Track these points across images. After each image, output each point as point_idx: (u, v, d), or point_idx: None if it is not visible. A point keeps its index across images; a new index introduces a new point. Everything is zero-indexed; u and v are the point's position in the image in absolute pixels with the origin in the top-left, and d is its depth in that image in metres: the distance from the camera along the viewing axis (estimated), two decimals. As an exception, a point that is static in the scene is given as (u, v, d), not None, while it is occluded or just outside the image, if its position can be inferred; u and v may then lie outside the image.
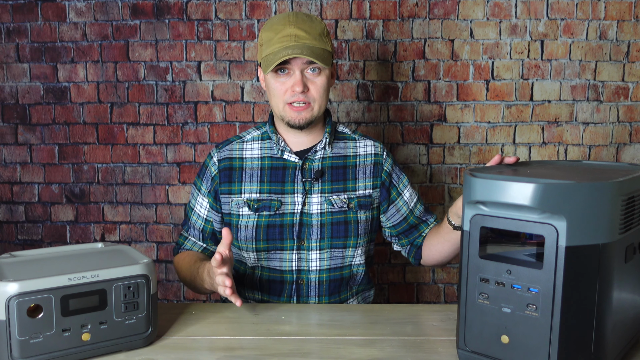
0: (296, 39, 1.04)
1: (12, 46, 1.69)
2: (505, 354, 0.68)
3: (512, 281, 0.67)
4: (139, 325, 0.78)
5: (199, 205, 1.16)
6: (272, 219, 1.10)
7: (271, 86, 1.09)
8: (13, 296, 0.68)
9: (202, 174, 1.17)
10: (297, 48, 1.02)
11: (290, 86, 1.06)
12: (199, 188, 1.17)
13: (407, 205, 1.20)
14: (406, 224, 1.20)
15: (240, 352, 0.79)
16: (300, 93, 1.05)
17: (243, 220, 1.11)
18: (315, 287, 1.12)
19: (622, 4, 1.64)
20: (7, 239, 1.75)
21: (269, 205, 1.10)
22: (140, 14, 1.67)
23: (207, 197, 1.15)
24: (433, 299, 1.78)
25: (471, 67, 1.68)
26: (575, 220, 0.62)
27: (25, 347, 0.69)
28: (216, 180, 1.13)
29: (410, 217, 1.19)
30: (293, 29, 1.04)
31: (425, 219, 1.21)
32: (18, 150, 1.73)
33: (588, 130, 1.70)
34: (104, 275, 0.74)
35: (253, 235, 1.10)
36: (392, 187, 1.19)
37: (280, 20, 1.08)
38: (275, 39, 1.05)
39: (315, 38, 1.05)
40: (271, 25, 1.08)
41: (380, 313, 0.96)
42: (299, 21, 1.06)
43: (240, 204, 1.11)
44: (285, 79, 1.07)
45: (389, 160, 1.19)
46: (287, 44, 1.03)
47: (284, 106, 1.08)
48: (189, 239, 1.18)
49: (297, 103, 1.07)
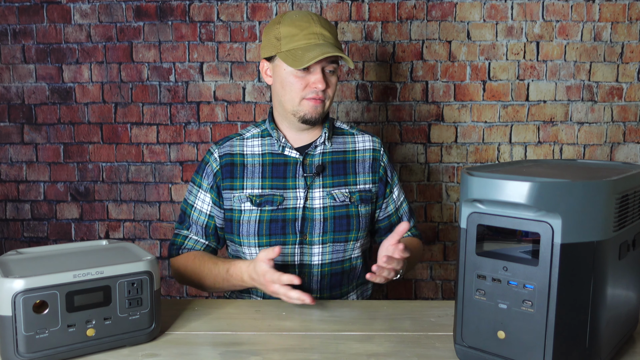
0: (324, 38, 1.05)
1: (18, 47, 1.71)
2: (501, 349, 0.68)
3: (508, 278, 0.67)
4: (142, 321, 0.78)
5: (200, 201, 1.15)
6: (274, 214, 1.10)
7: (289, 81, 1.08)
8: (19, 292, 0.69)
9: (201, 170, 1.16)
10: (330, 47, 1.04)
11: (312, 82, 1.07)
12: (199, 185, 1.16)
13: (395, 203, 1.22)
14: (388, 222, 1.22)
15: (241, 347, 0.79)
16: (320, 90, 1.07)
17: (245, 215, 1.11)
18: (317, 281, 1.13)
19: (616, 6, 1.65)
20: (13, 236, 1.77)
21: (271, 200, 1.10)
22: (143, 15, 1.69)
23: (209, 193, 1.14)
24: (431, 295, 1.79)
25: (468, 67, 1.69)
26: (570, 218, 0.63)
27: (31, 343, 0.70)
28: (218, 176, 1.13)
29: (393, 215, 1.22)
30: (319, 28, 1.06)
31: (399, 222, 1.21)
32: (24, 149, 1.75)
33: (583, 129, 1.71)
34: (108, 272, 0.75)
35: (255, 231, 1.10)
36: (387, 184, 1.21)
37: (302, 17, 1.08)
38: (301, 34, 1.05)
39: (336, 39, 1.09)
40: (292, 21, 1.07)
41: (379, 309, 0.96)
42: (322, 21, 1.08)
43: (242, 199, 1.11)
44: (304, 75, 1.07)
45: (385, 156, 1.21)
46: (315, 41, 1.04)
47: (301, 101, 1.08)
48: (189, 238, 1.15)
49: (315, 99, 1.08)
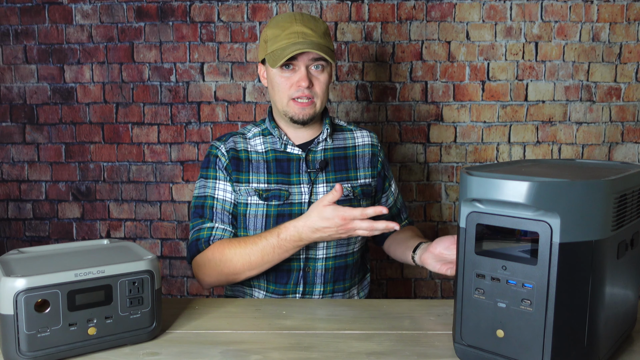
0: (304, 36, 1.06)
1: (20, 48, 1.72)
2: (500, 347, 0.68)
3: (507, 277, 0.67)
4: (143, 320, 0.79)
5: (221, 191, 1.12)
6: (281, 209, 1.11)
7: (276, 81, 1.10)
8: (21, 291, 0.69)
9: (212, 164, 1.14)
10: (306, 44, 1.04)
11: (296, 81, 1.08)
12: (214, 177, 1.13)
13: (393, 196, 1.25)
14: (389, 215, 1.23)
15: (242, 345, 0.80)
16: (305, 88, 1.07)
17: (252, 209, 1.11)
18: (321, 275, 1.13)
19: (614, 7, 1.65)
20: (15, 235, 1.78)
21: (278, 194, 1.11)
22: (144, 16, 1.70)
23: (228, 182, 1.12)
24: (430, 294, 1.79)
25: (467, 68, 1.70)
26: (568, 218, 0.63)
27: (32, 341, 0.70)
28: (229, 169, 1.13)
29: (393, 208, 1.25)
30: (300, 27, 1.06)
31: (400, 214, 1.27)
32: (26, 149, 1.76)
33: (581, 129, 1.71)
34: (110, 271, 0.75)
35: (263, 225, 1.11)
36: (385, 178, 1.23)
37: (286, 18, 1.09)
38: (282, 35, 1.06)
39: (320, 36, 1.08)
40: (277, 23, 1.09)
41: (378, 308, 0.97)
42: (305, 20, 1.08)
43: (250, 192, 1.11)
44: (290, 75, 1.08)
45: (382, 151, 1.24)
46: (294, 40, 1.05)
47: (288, 101, 1.09)
48: (217, 228, 1.09)
49: (302, 99, 1.08)
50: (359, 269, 1.22)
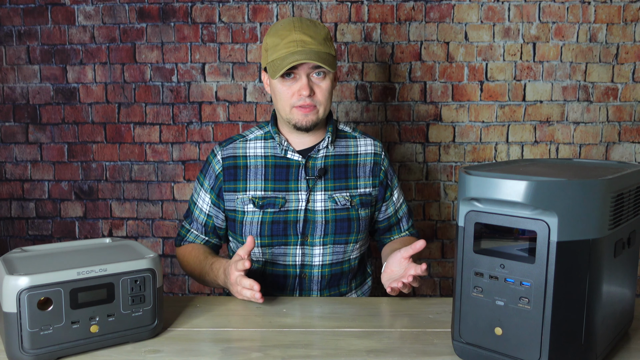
0: (302, 44, 1.04)
1: (23, 48, 1.73)
2: (498, 345, 0.69)
3: (505, 275, 0.68)
4: (145, 318, 0.79)
5: (201, 200, 1.17)
6: (276, 216, 1.11)
7: (278, 90, 1.09)
8: (24, 289, 0.69)
9: (205, 170, 1.17)
10: (305, 53, 1.03)
11: (297, 90, 1.07)
12: (201, 184, 1.17)
13: (394, 205, 1.23)
14: (387, 224, 1.24)
15: (243, 343, 0.80)
16: (307, 97, 1.06)
17: (248, 217, 1.12)
18: (318, 281, 1.14)
19: (612, 8, 1.66)
20: (18, 234, 1.79)
21: (273, 202, 1.11)
22: (146, 17, 1.71)
23: (210, 194, 1.16)
24: (429, 293, 1.80)
25: (466, 68, 1.70)
26: (566, 217, 0.63)
27: (35, 339, 0.71)
28: (220, 179, 1.14)
29: (392, 217, 1.24)
30: (299, 35, 1.05)
31: (399, 223, 1.25)
32: (29, 149, 1.77)
33: (578, 129, 1.72)
34: (112, 269, 0.76)
35: (257, 231, 1.11)
36: (387, 187, 1.21)
37: (285, 25, 1.08)
38: (282, 44, 1.05)
39: (320, 43, 1.06)
40: (276, 31, 1.08)
41: (378, 306, 0.97)
42: (304, 27, 1.07)
43: (245, 201, 1.12)
44: (291, 83, 1.07)
45: (386, 160, 1.22)
46: (293, 49, 1.04)
47: (291, 109, 1.09)
48: (191, 232, 1.19)
49: (304, 107, 1.08)
50: (355, 274, 1.21)
